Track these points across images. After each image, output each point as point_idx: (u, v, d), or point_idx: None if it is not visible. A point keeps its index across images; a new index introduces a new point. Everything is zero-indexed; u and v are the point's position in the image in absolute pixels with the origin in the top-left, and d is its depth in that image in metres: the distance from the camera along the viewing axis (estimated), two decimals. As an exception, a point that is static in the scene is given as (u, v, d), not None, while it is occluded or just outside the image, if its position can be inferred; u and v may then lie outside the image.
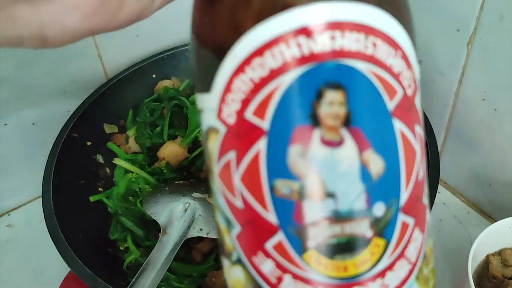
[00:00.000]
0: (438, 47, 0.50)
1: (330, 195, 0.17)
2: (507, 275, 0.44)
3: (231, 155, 0.18)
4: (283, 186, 0.17)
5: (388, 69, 0.17)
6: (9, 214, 0.62)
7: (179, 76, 0.59)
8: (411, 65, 0.18)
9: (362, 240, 0.17)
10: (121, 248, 0.48)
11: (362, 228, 0.17)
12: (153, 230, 0.49)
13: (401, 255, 0.18)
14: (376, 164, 0.17)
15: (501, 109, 0.47)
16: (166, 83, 0.58)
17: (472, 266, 0.41)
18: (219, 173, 0.18)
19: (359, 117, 0.16)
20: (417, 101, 0.19)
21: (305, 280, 0.17)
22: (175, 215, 0.43)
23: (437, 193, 0.40)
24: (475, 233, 0.43)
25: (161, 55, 0.58)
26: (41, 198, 0.43)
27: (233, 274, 0.19)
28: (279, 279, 0.17)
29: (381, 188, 0.17)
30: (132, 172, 0.52)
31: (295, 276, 0.17)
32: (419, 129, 0.19)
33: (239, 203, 0.18)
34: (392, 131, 0.17)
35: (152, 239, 0.48)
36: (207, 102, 0.18)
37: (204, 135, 0.19)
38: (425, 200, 0.20)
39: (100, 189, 0.52)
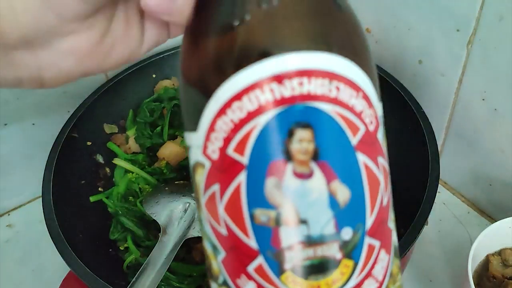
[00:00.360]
0: (438, 47, 0.50)
1: (303, 221, 0.19)
2: (507, 275, 0.44)
3: (216, 187, 0.20)
4: (262, 215, 0.19)
5: (350, 109, 0.19)
6: (9, 214, 0.62)
7: (179, 76, 0.59)
8: (372, 104, 0.20)
9: (332, 261, 0.19)
10: (121, 248, 0.48)
11: (332, 250, 0.19)
12: (153, 230, 0.49)
13: (369, 274, 0.20)
14: (343, 193, 0.19)
15: (501, 109, 0.47)
16: (166, 83, 0.58)
17: (472, 266, 0.41)
18: (205, 204, 0.20)
19: (326, 152, 0.19)
20: (380, 136, 0.21)
21: None
22: (175, 215, 0.43)
23: (437, 193, 0.40)
24: (475, 233, 0.43)
25: (161, 55, 0.58)
26: (41, 198, 0.43)
27: None
28: None
29: (348, 214, 0.19)
30: (132, 172, 0.52)
31: None
32: (382, 161, 0.21)
33: (223, 231, 0.20)
34: (356, 163, 0.19)
35: (152, 239, 0.48)
36: (194, 140, 0.20)
37: (191, 169, 0.21)
38: (391, 224, 0.21)
39: (100, 189, 0.52)
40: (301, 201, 0.19)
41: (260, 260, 0.19)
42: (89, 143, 0.52)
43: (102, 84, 0.54)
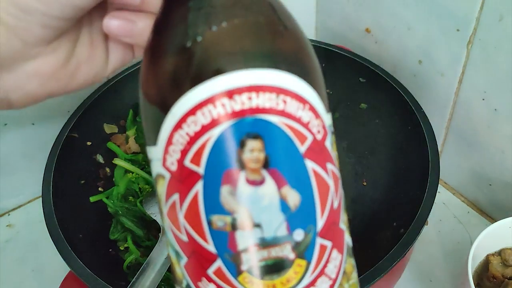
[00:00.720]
0: (438, 47, 0.51)
1: (256, 225, 0.20)
2: (507, 275, 0.44)
3: (175, 197, 0.21)
4: (218, 220, 0.20)
5: (297, 120, 0.21)
6: (9, 214, 0.62)
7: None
8: (319, 115, 0.22)
9: (286, 261, 0.20)
10: (121, 248, 0.48)
11: (285, 251, 0.20)
12: (153, 230, 0.49)
13: (322, 273, 0.21)
14: (293, 198, 0.20)
15: (501, 109, 0.47)
16: (166, 83, 0.58)
17: (472, 266, 0.41)
18: (167, 213, 0.22)
19: (275, 160, 0.20)
20: (328, 144, 0.22)
21: None
22: (175, 215, 0.43)
23: (437, 193, 0.40)
24: (475, 233, 0.43)
25: (161, 55, 0.58)
26: (41, 198, 0.43)
27: None
28: None
29: (299, 217, 0.20)
30: (132, 172, 0.52)
31: None
32: (331, 166, 0.22)
33: (184, 237, 0.21)
34: (304, 169, 0.21)
35: (152, 239, 0.48)
36: (154, 153, 0.22)
37: (154, 181, 0.23)
38: (342, 225, 0.23)
39: (100, 189, 0.52)
40: (254, 206, 0.20)
41: (218, 263, 0.20)
42: (89, 143, 0.52)
43: (102, 84, 0.54)
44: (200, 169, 0.20)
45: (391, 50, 0.57)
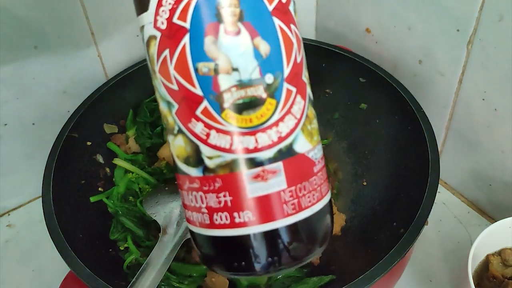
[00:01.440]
0: (438, 47, 0.51)
1: (235, 69, 0.24)
2: (507, 275, 0.44)
3: (166, 52, 0.25)
4: (203, 67, 0.24)
5: None
6: (9, 214, 0.62)
7: None
8: None
9: (259, 100, 0.24)
10: (121, 248, 0.48)
11: (259, 91, 0.24)
12: (153, 230, 0.49)
13: (288, 111, 0.25)
14: (264, 47, 0.24)
15: (501, 109, 0.47)
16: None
17: (472, 266, 0.41)
18: (159, 69, 0.26)
19: (248, 15, 0.24)
20: (291, 9, 0.26)
21: (225, 132, 0.24)
22: (175, 215, 0.43)
23: (437, 193, 0.40)
24: (475, 233, 0.43)
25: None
26: (41, 198, 0.42)
27: (176, 143, 0.26)
28: (207, 135, 0.25)
29: (269, 63, 0.25)
30: (132, 172, 0.52)
31: (218, 130, 0.25)
32: (294, 28, 0.26)
33: (175, 87, 0.25)
34: (273, 25, 0.25)
35: (152, 239, 0.48)
36: (146, 19, 0.25)
37: (145, 45, 0.26)
38: (304, 79, 0.27)
39: (100, 189, 0.51)
40: (232, 53, 0.24)
41: (205, 104, 0.24)
42: (89, 143, 0.52)
43: (102, 84, 0.54)
44: (187, 24, 0.24)
45: (391, 50, 0.57)
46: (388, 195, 0.48)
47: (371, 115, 0.54)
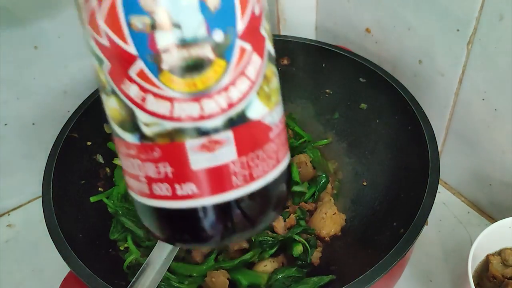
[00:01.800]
0: (438, 47, 0.51)
1: (176, 25, 0.20)
2: (507, 275, 0.44)
3: (94, 2, 0.21)
4: (138, 21, 0.20)
5: None
6: (9, 214, 0.62)
7: None
8: None
9: (206, 61, 0.21)
10: (121, 248, 0.48)
11: (205, 51, 0.21)
12: (153, 230, 0.49)
13: (241, 73, 0.22)
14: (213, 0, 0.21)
15: (501, 109, 0.47)
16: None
17: (472, 266, 0.41)
18: (88, 22, 0.22)
19: None
20: None
21: (163, 97, 0.21)
22: (175, 215, 0.43)
23: (437, 193, 0.40)
24: (475, 233, 0.43)
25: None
26: (41, 198, 0.43)
27: (110, 104, 0.23)
28: (143, 99, 0.21)
29: (219, 18, 0.21)
30: (132, 172, 0.52)
31: (156, 95, 0.21)
32: None
33: (105, 42, 0.21)
34: None
35: (152, 239, 0.48)
36: None
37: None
38: (263, 32, 0.23)
39: (100, 189, 0.52)
40: (172, 6, 0.20)
41: (140, 64, 0.21)
42: (89, 143, 0.52)
43: (102, 84, 0.54)
44: None
45: (391, 50, 0.57)
46: (388, 195, 0.48)
47: (371, 115, 0.54)
